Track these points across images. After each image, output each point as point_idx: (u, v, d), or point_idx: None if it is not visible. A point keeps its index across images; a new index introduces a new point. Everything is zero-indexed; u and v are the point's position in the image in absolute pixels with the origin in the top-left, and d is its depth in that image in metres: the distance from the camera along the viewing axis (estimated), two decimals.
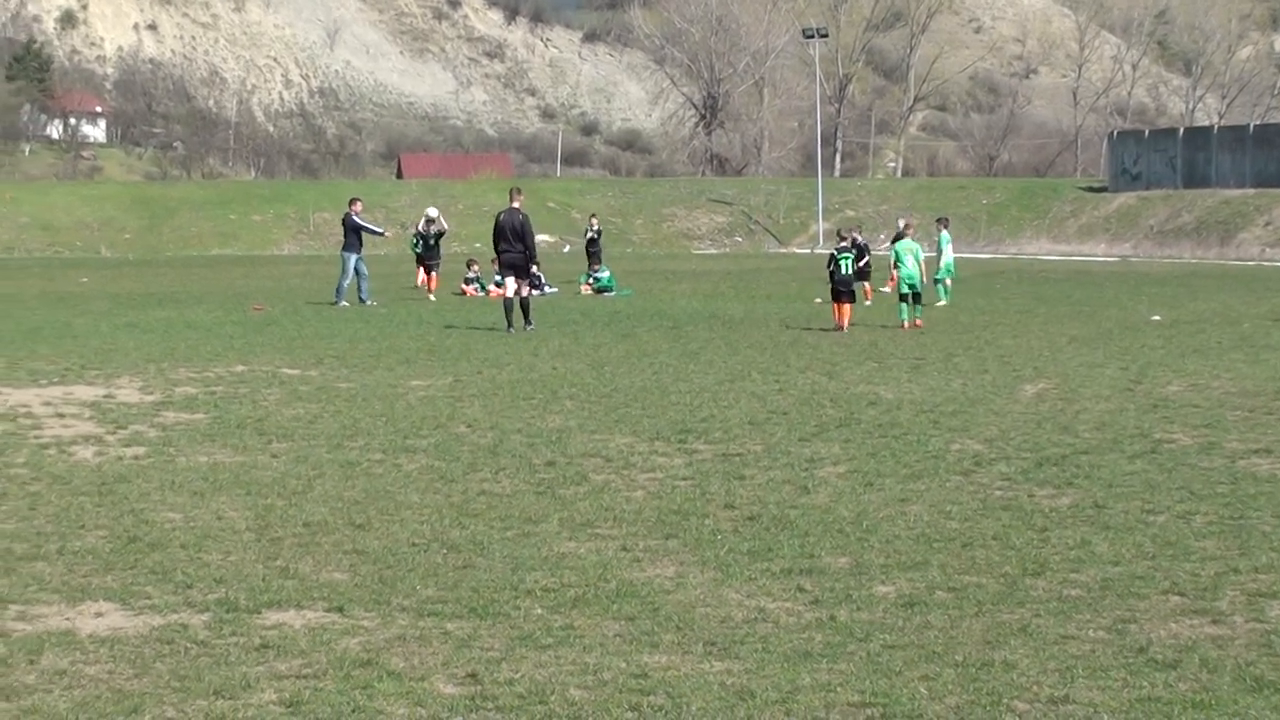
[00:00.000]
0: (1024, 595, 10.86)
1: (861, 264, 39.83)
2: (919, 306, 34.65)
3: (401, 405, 20.93)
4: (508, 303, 33.25)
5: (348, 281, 42.46)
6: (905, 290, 34.35)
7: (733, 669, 9.22)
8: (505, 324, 32.87)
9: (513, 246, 33.13)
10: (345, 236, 43.28)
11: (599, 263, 51.46)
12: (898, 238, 37.37)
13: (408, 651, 9.59)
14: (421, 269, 47.76)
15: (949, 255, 42.36)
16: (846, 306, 33.33)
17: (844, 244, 34.10)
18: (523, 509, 13.94)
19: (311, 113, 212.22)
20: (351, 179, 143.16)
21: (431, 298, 44.83)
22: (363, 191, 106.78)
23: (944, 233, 43.58)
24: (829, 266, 33.91)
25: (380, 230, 45.85)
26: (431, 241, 47.25)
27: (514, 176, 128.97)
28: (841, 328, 32.95)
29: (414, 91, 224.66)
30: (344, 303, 41.80)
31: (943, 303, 40.53)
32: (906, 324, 33.72)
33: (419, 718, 8.49)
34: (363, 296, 42.21)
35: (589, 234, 54.21)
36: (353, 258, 42.46)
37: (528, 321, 33.21)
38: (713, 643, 9.75)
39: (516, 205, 33.46)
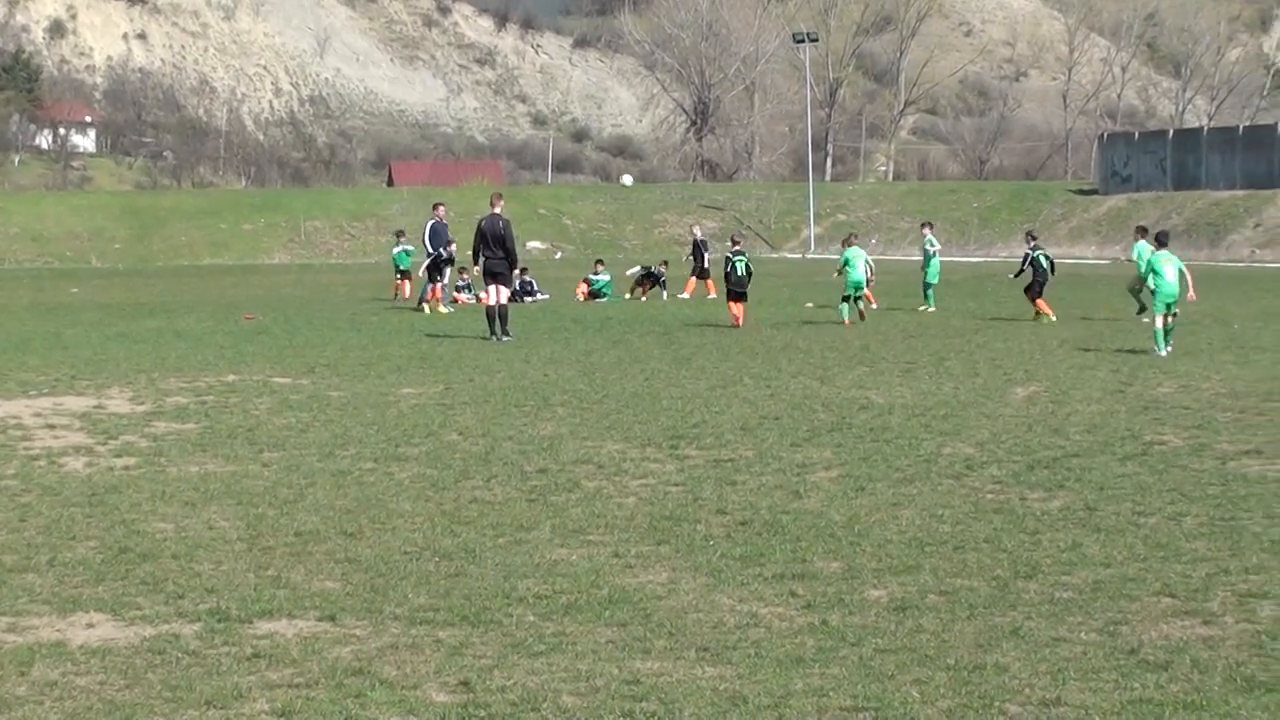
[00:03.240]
0: (1015, 598, 10.87)
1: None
2: (857, 304, 37.09)
3: (393, 413, 20.92)
4: (490, 310, 33.14)
5: (443, 285, 42.36)
6: (850, 292, 36.98)
7: (725, 674, 9.22)
8: (488, 331, 32.82)
9: (494, 253, 32.97)
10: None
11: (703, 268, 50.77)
12: (845, 245, 39.09)
13: (400, 660, 9.58)
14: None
15: (936, 260, 42.52)
16: (741, 306, 36.14)
17: (738, 248, 36.99)
18: (514, 516, 13.94)
19: (302, 121, 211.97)
20: (342, 187, 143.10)
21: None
22: (354, 200, 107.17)
23: (929, 236, 43.72)
24: (725, 269, 36.59)
25: (438, 251, 41.55)
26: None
27: (505, 183, 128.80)
28: (738, 325, 35.40)
29: (404, 99, 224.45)
30: (444, 308, 41.82)
31: (930, 309, 40.69)
32: (849, 321, 36.17)
33: None
34: (424, 299, 42.56)
35: (694, 239, 54.07)
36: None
37: (505, 332, 32.63)
38: (705, 648, 9.75)
39: (498, 210, 33.41)
